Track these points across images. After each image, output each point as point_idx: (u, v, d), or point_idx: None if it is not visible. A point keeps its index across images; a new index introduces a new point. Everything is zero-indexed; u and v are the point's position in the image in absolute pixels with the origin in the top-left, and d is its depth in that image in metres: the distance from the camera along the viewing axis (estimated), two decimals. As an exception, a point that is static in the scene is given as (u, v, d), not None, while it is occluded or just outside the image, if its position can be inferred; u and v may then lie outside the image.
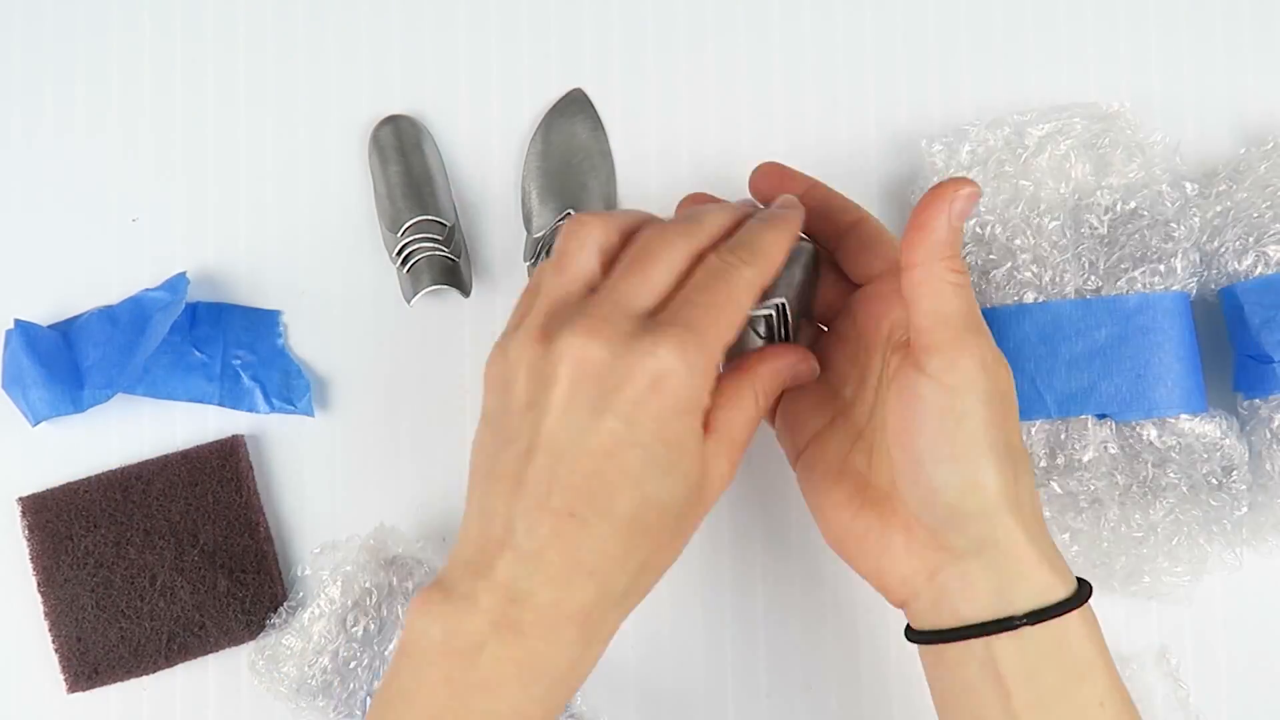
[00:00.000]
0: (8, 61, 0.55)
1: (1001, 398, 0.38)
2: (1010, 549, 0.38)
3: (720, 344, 0.37)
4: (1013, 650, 0.38)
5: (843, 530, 0.41)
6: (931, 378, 0.37)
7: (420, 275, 0.52)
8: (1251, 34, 0.56)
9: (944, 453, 0.37)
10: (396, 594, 0.50)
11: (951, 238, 0.38)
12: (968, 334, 0.38)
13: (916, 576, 0.39)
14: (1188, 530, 0.49)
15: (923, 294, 0.38)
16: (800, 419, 0.44)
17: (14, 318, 0.52)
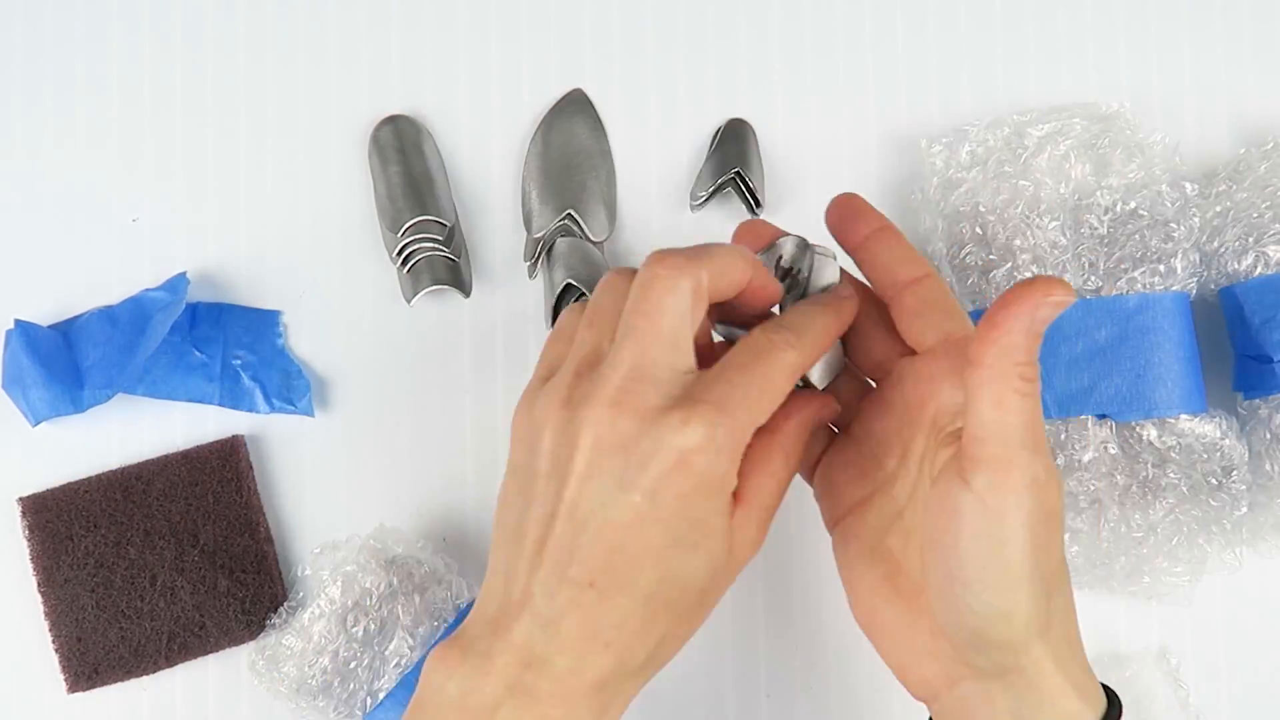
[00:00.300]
0: (8, 62, 0.55)
1: (1047, 518, 0.35)
2: (1035, 678, 0.36)
3: (752, 425, 0.35)
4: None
5: (872, 614, 0.39)
6: (976, 495, 0.35)
7: (420, 275, 0.52)
8: (1251, 34, 0.56)
9: (975, 577, 0.35)
10: (396, 594, 0.50)
11: (1029, 343, 0.34)
12: (1024, 451, 0.34)
13: (937, 681, 0.38)
14: (1187, 530, 0.49)
15: (985, 399, 0.35)
16: (841, 487, 0.41)
17: (14, 318, 0.52)
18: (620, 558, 0.35)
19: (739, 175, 0.53)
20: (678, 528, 0.35)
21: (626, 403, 0.35)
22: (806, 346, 0.37)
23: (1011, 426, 0.35)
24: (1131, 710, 0.51)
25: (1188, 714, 0.51)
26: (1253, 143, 0.53)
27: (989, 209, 0.50)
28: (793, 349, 0.36)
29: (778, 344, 0.36)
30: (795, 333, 0.37)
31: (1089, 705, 0.37)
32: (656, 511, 0.35)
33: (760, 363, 0.36)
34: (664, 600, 0.36)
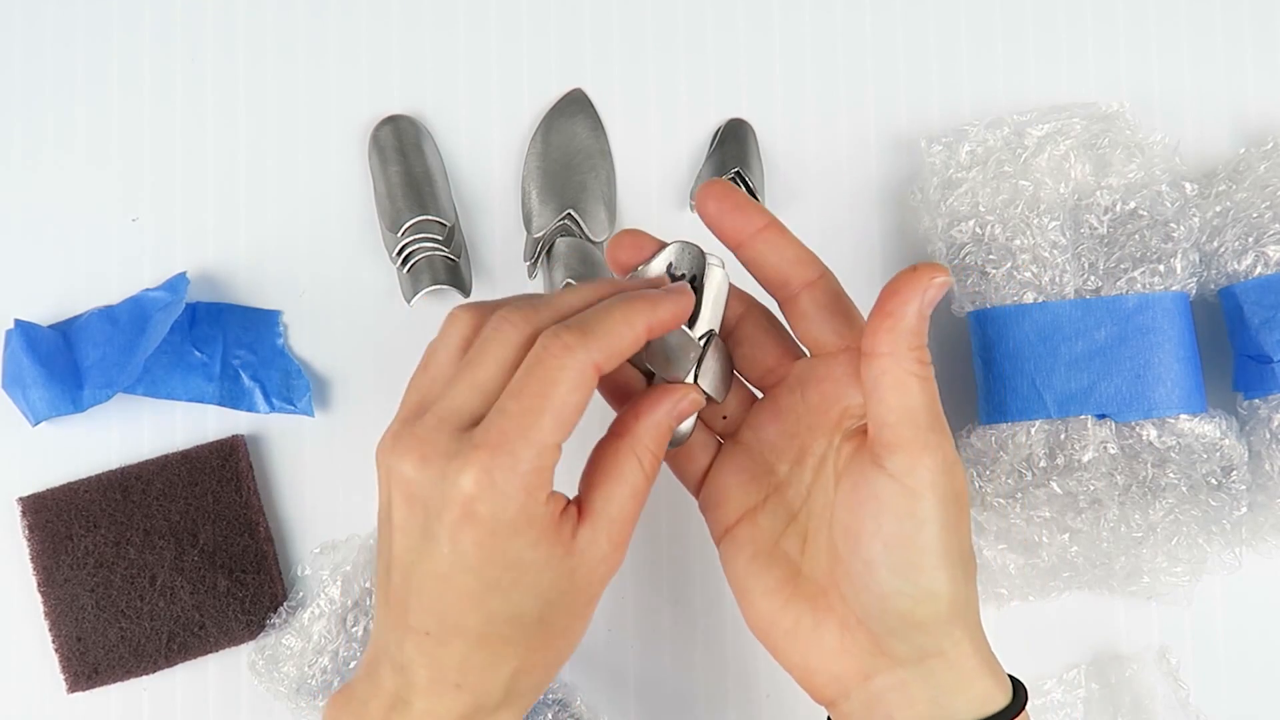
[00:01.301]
0: (8, 63, 0.55)
1: (958, 500, 0.36)
2: (956, 659, 0.37)
3: (541, 450, 0.34)
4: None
5: (769, 619, 0.39)
6: (892, 478, 0.35)
7: (420, 275, 0.52)
8: (1251, 34, 0.56)
9: (899, 559, 0.35)
10: (396, 594, 0.50)
11: (920, 326, 0.35)
12: (932, 433, 0.35)
13: (849, 676, 0.37)
14: (1187, 530, 0.49)
15: (887, 386, 0.35)
16: (729, 494, 0.41)
17: (14, 318, 0.52)
18: (443, 605, 0.35)
19: (739, 175, 0.53)
20: (488, 573, 0.35)
21: (420, 451, 0.34)
22: (595, 343, 0.34)
23: (917, 409, 0.35)
24: (1131, 710, 0.51)
25: (1188, 714, 0.51)
26: (1253, 143, 0.53)
27: (989, 209, 0.50)
28: (571, 351, 0.34)
29: (552, 350, 0.34)
30: (577, 331, 0.35)
31: (1000, 687, 0.37)
32: (462, 561, 0.34)
33: (535, 380, 0.34)
34: (500, 638, 0.36)
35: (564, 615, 0.36)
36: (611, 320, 0.35)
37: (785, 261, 0.39)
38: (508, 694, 0.37)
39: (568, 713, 0.51)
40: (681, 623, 0.53)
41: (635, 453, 0.37)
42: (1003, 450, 0.49)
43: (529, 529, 0.34)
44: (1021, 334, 0.49)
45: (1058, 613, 0.53)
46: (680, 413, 0.38)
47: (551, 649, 0.37)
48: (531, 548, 0.35)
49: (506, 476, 0.33)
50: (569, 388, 0.34)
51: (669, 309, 0.36)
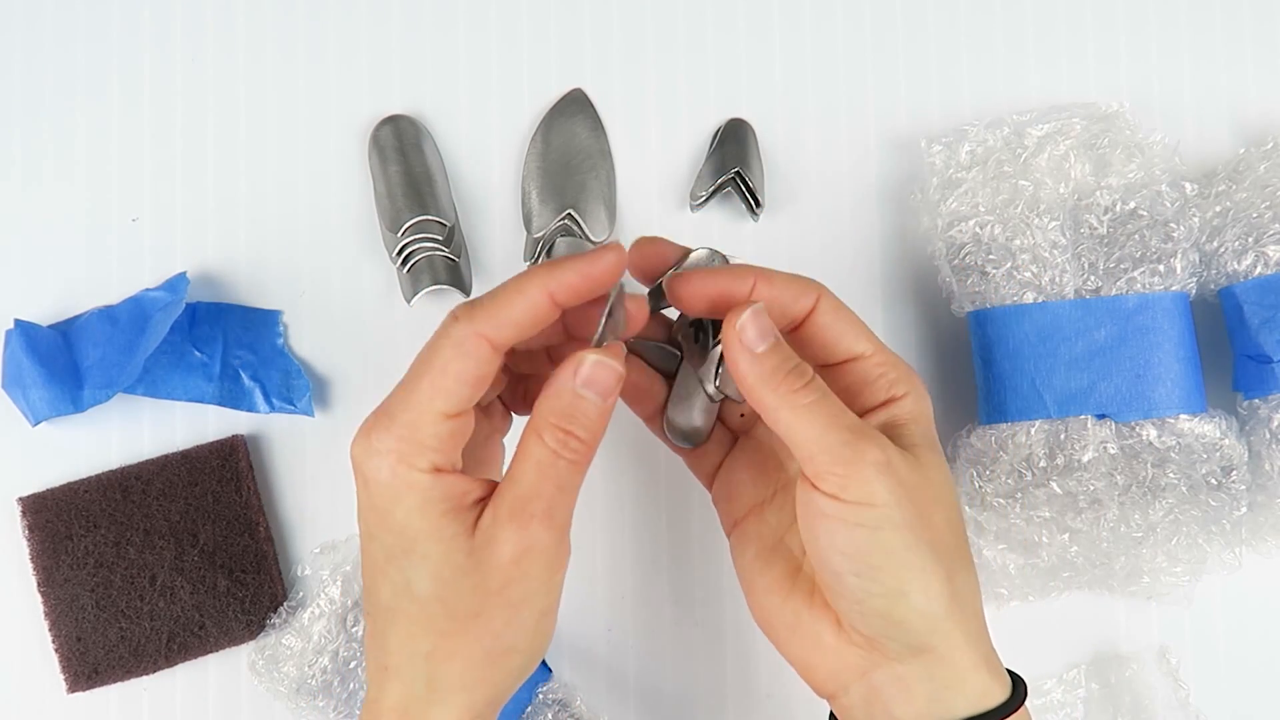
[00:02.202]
0: (8, 63, 0.55)
1: (913, 494, 0.36)
2: (948, 654, 0.37)
3: (420, 417, 0.35)
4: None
5: (772, 613, 0.39)
6: (831, 498, 0.36)
7: (420, 275, 0.52)
8: (1251, 34, 0.56)
9: (861, 565, 0.36)
10: (396, 594, 0.50)
11: (769, 365, 0.36)
12: (849, 447, 0.35)
13: (847, 672, 0.38)
14: (1187, 530, 0.49)
15: (785, 430, 0.36)
16: (740, 489, 0.41)
17: (14, 318, 0.52)
18: (369, 578, 0.37)
19: (739, 175, 0.53)
20: (384, 540, 0.36)
21: (361, 429, 0.36)
22: (480, 313, 0.35)
23: (821, 429, 0.36)
24: (1131, 710, 0.51)
25: (1188, 714, 0.51)
26: (1253, 143, 0.53)
27: (989, 209, 0.50)
28: (457, 321, 0.35)
29: (444, 322, 0.36)
30: (468, 305, 0.36)
31: (999, 682, 0.38)
32: (368, 528, 0.36)
33: (423, 351, 0.36)
34: (402, 613, 0.36)
35: (470, 599, 0.36)
36: (503, 289, 0.36)
37: (785, 300, 0.39)
38: (430, 683, 0.36)
39: (568, 713, 0.51)
40: (681, 623, 0.53)
41: (534, 428, 0.36)
42: (1003, 450, 0.49)
43: (408, 494, 0.35)
44: (1021, 334, 0.49)
45: (1058, 613, 0.53)
46: (586, 378, 0.36)
47: (468, 637, 0.36)
48: (418, 515, 0.35)
49: (381, 438, 0.35)
50: (449, 355, 0.35)
51: (575, 269, 0.36)
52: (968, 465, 0.50)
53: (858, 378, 0.39)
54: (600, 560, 0.53)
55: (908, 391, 0.39)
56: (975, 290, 0.50)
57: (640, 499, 0.53)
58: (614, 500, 0.53)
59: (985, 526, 0.50)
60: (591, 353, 0.36)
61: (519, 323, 0.36)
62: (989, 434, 0.50)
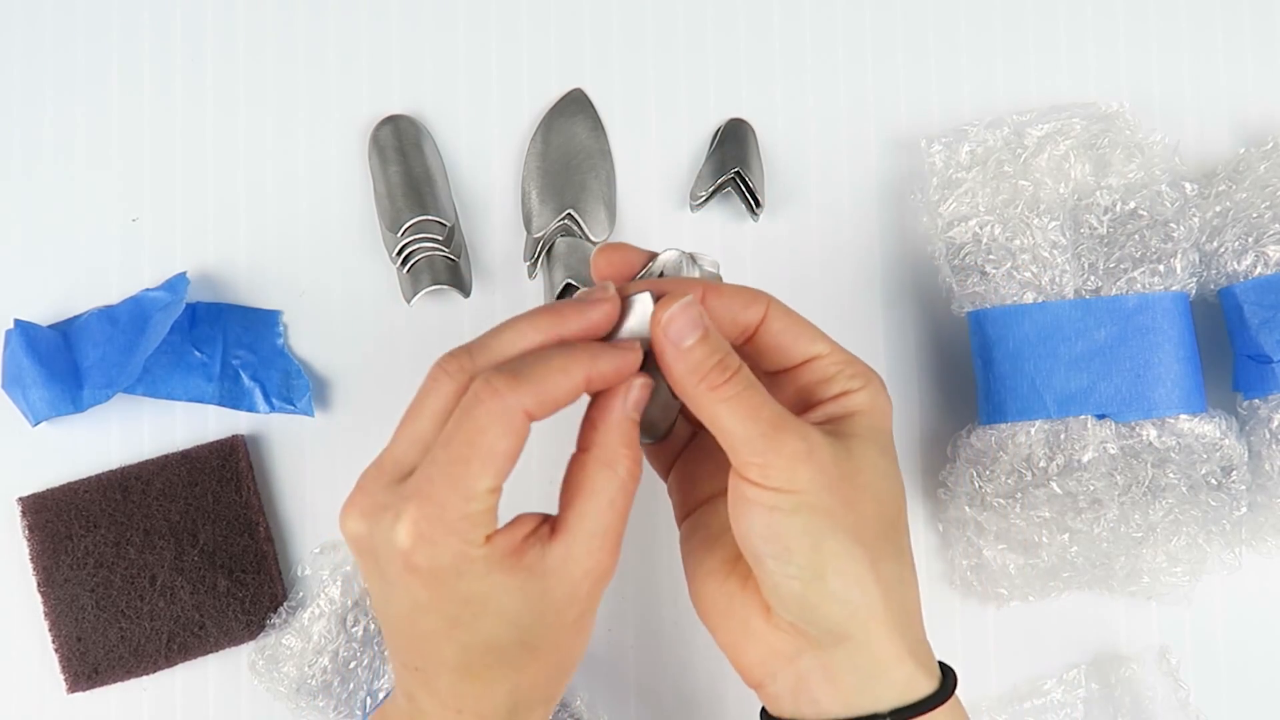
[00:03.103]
0: (8, 62, 0.55)
1: (838, 482, 0.36)
2: (868, 643, 0.37)
3: (470, 496, 0.34)
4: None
5: (708, 598, 0.40)
6: (754, 484, 0.36)
7: (420, 275, 0.52)
8: (1251, 34, 0.56)
9: (779, 549, 0.36)
10: (396, 594, 0.50)
11: (701, 354, 0.36)
12: (767, 439, 0.36)
13: (775, 658, 0.38)
14: (1187, 530, 0.49)
15: (711, 420, 0.36)
16: (696, 482, 0.42)
17: (14, 318, 0.52)
18: (418, 643, 0.36)
19: (739, 175, 0.53)
20: (447, 610, 0.35)
21: (360, 505, 0.36)
22: (526, 389, 0.35)
23: (742, 421, 0.36)
24: (1131, 710, 0.51)
25: (1188, 714, 0.51)
26: (1253, 143, 0.53)
27: (988, 209, 0.50)
28: (500, 396, 0.34)
29: (482, 396, 0.34)
30: (508, 376, 0.35)
31: (926, 674, 0.38)
32: (418, 604, 0.35)
33: (464, 429, 0.34)
34: (482, 666, 0.36)
35: (548, 634, 0.37)
36: (548, 368, 0.35)
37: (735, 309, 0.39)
38: (512, 711, 0.37)
39: (568, 713, 0.51)
40: (682, 623, 0.53)
41: (604, 462, 0.37)
42: (1003, 450, 0.49)
43: (473, 568, 0.35)
44: (1021, 334, 0.49)
45: (1058, 613, 0.53)
46: (636, 402, 0.37)
47: (545, 665, 0.37)
48: (483, 582, 0.35)
49: (434, 526, 0.34)
50: (497, 434, 0.34)
51: (610, 363, 0.37)
52: (968, 465, 0.50)
53: (816, 375, 0.39)
54: (600, 560, 0.53)
55: (863, 386, 0.39)
56: (975, 290, 0.50)
57: (640, 499, 0.53)
58: (614, 500, 0.53)
59: (985, 526, 0.50)
60: (637, 376, 0.37)
61: (558, 402, 0.36)
62: (989, 434, 0.50)
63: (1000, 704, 0.52)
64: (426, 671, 0.37)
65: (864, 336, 0.54)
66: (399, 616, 0.36)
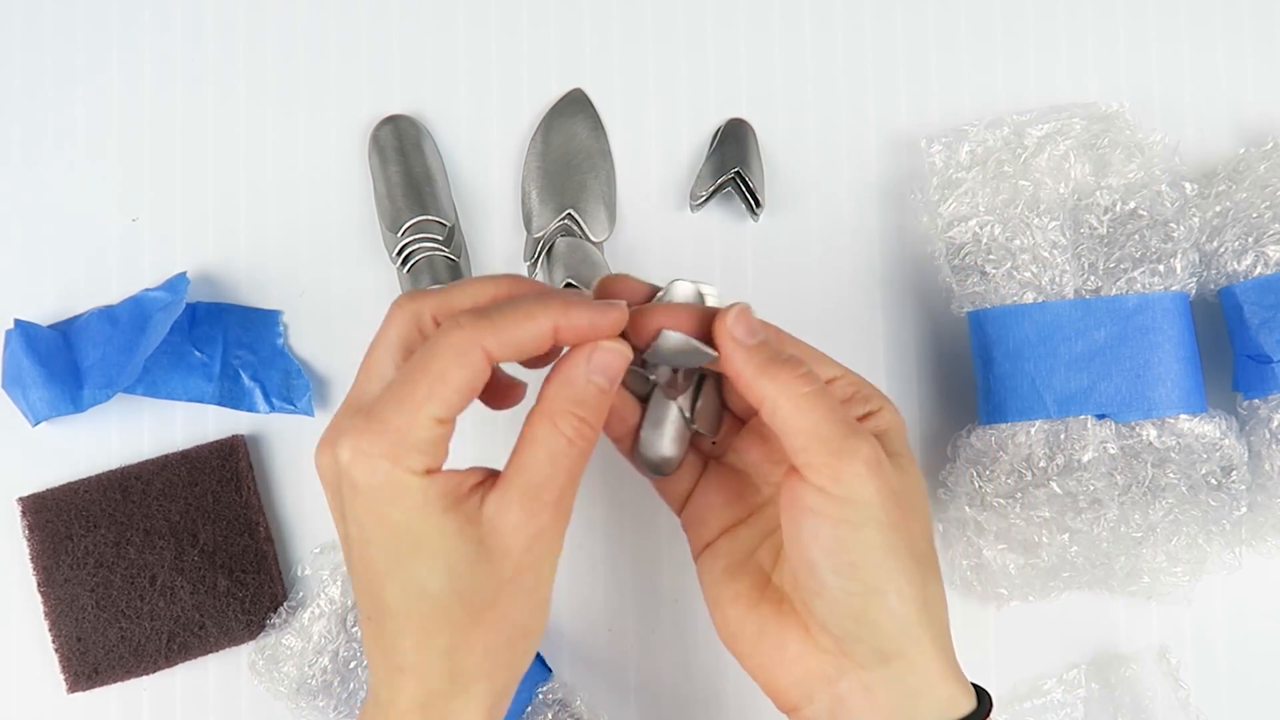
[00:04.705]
0: (8, 61, 0.55)
1: (898, 497, 0.36)
2: (917, 660, 0.37)
3: (413, 421, 0.34)
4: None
5: (737, 624, 0.39)
6: (818, 489, 0.36)
7: (420, 275, 0.52)
8: (1251, 34, 0.56)
9: (843, 562, 0.36)
10: (396, 594, 0.50)
11: (770, 351, 0.36)
12: (844, 440, 0.36)
13: (812, 680, 0.38)
14: (1187, 530, 0.49)
15: (782, 418, 0.36)
16: (712, 512, 0.42)
17: (14, 318, 0.52)
18: (367, 584, 0.36)
19: (739, 175, 0.53)
20: (386, 543, 0.35)
21: (327, 437, 0.36)
22: (486, 325, 0.35)
23: (818, 423, 0.36)
24: (1131, 710, 0.51)
25: (1188, 714, 0.51)
26: (1253, 143, 0.53)
27: (988, 209, 0.50)
28: (461, 329, 0.35)
29: (445, 328, 0.35)
30: (474, 313, 0.35)
31: (964, 692, 0.38)
32: (363, 534, 0.35)
33: (420, 354, 0.35)
34: (418, 614, 0.36)
35: (485, 589, 0.36)
36: (514, 310, 0.35)
37: None
38: (452, 677, 0.36)
39: (568, 713, 0.51)
40: (681, 623, 0.53)
41: (547, 415, 0.36)
42: (1003, 450, 0.49)
43: (408, 496, 0.35)
44: (1021, 334, 0.49)
45: (1058, 613, 0.53)
46: (601, 366, 0.37)
47: (486, 626, 0.36)
48: (418, 515, 0.35)
49: (373, 441, 0.34)
50: (449, 362, 0.34)
51: (584, 316, 0.36)
52: (968, 465, 0.50)
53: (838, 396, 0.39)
54: (600, 560, 0.53)
55: (882, 406, 0.39)
56: (975, 290, 0.50)
57: (640, 499, 0.53)
58: (614, 500, 0.53)
59: (985, 526, 0.50)
60: (614, 342, 0.37)
61: (520, 346, 0.36)
62: (989, 434, 0.50)
63: (1000, 704, 0.52)
64: (377, 620, 0.36)
65: (864, 336, 0.54)
66: (354, 556, 0.36)
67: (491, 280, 0.38)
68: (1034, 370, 0.49)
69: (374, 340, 0.37)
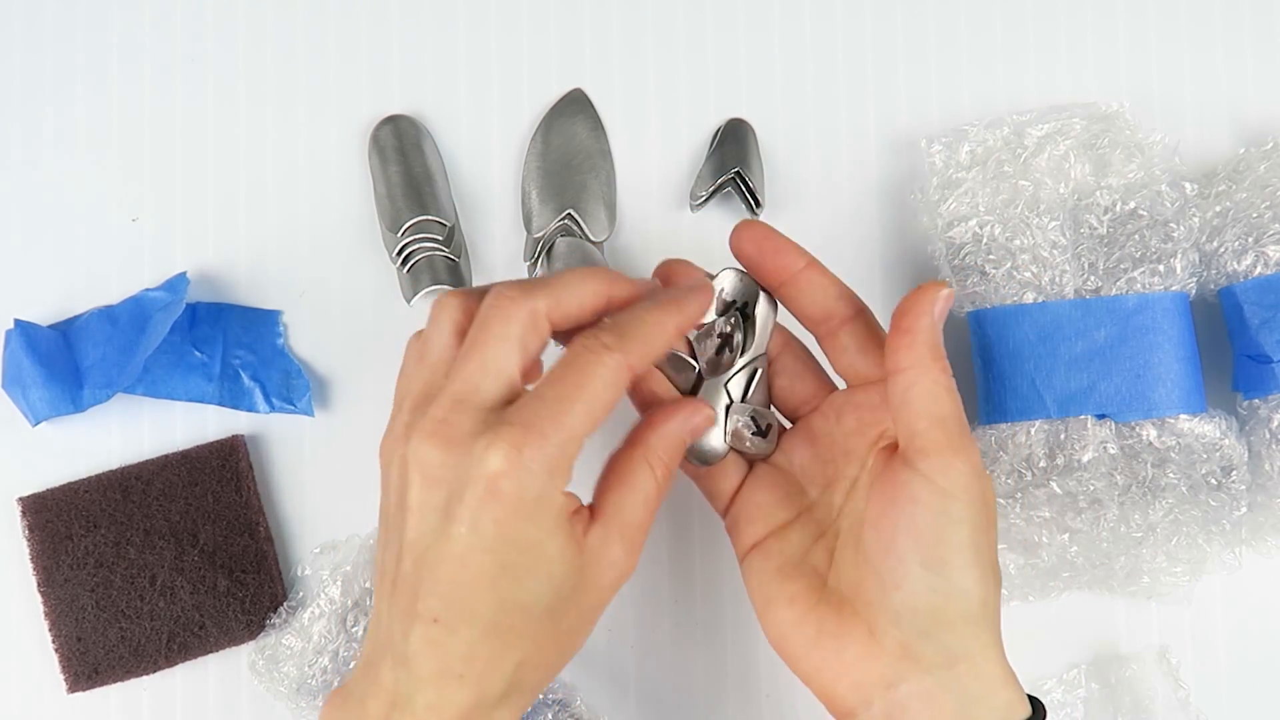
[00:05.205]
0: (8, 61, 0.55)
1: (987, 507, 0.37)
2: (983, 665, 0.37)
3: (569, 438, 0.35)
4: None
5: (791, 627, 0.39)
6: (926, 478, 0.36)
7: (420, 275, 0.52)
8: (1251, 34, 0.56)
9: (934, 555, 0.36)
10: (396, 594, 0.50)
11: (936, 339, 0.38)
12: (962, 438, 0.37)
13: (871, 684, 0.37)
14: (1187, 530, 0.49)
15: (916, 397, 0.37)
16: (759, 513, 0.42)
17: (14, 318, 0.52)
18: (457, 590, 0.35)
19: (739, 175, 0.53)
20: (505, 554, 0.35)
21: (442, 433, 0.35)
22: (633, 346, 0.36)
23: (946, 416, 0.37)
24: (1131, 710, 0.51)
25: (1188, 714, 0.51)
26: (1253, 143, 0.53)
27: (988, 209, 0.50)
28: (611, 351, 0.35)
29: (592, 348, 0.35)
30: (616, 334, 0.36)
31: (1020, 699, 0.38)
32: (480, 540, 0.35)
33: (572, 372, 0.35)
34: (508, 627, 0.36)
35: (572, 612, 0.37)
36: (646, 325, 0.36)
37: (828, 298, 0.41)
38: (510, 689, 0.36)
39: (568, 713, 0.51)
40: (681, 623, 0.53)
41: (648, 461, 0.38)
42: (1003, 450, 0.49)
43: (546, 514, 0.35)
44: (1021, 334, 0.49)
45: (1058, 613, 0.53)
46: (693, 428, 0.39)
47: (556, 646, 0.37)
48: (548, 534, 0.35)
49: (534, 455, 0.34)
50: (604, 384, 0.35)
51: (695, 307, 0.38)
52: (968, 465, 0.50)
53: None
54: (600, 560, 0.53)
55: None
56: (975, 290, 0.50)
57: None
58: (614, 500, 0.53)
59: (985, 526, 0.50)
60: (705, 405, 0.40)
61: (654, 358, 0.37)
62: (989, 434, 0.50)
63: (1000, 704, 0.52)
64: (449, 625, 0.35)
65: (864, 336, 0.54)
66: (447, 555, 0.35)
67: (591, 278, 0.38)
68: (1034, 370, 0.49)
69: (485, 336, 0.36)
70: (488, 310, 0.36)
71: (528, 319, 0.36)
